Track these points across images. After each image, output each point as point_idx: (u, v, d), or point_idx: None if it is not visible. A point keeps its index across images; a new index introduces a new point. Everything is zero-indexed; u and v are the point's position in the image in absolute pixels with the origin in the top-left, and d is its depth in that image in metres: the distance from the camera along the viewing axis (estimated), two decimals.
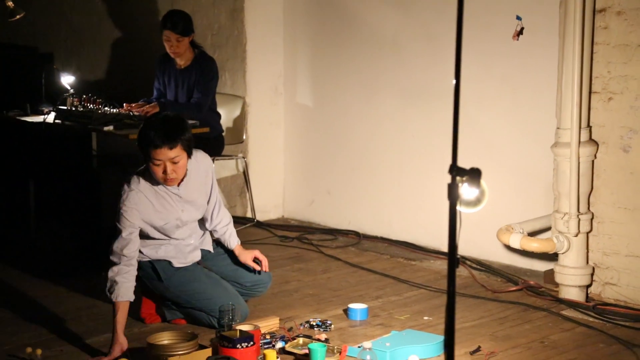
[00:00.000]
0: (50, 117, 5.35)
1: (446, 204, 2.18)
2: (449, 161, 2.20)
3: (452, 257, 2.25)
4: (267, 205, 6.10)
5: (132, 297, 3.60)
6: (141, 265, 3.78)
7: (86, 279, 4.61)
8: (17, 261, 5.02)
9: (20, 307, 4.22)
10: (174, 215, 3.79)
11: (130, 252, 3.64)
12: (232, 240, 4.08)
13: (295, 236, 5.61)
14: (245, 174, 5.98)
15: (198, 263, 3.97)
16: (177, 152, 3.57)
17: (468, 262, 4.89)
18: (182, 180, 3.75)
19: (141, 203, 3.69)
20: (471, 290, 4.46)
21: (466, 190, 2.24)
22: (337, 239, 5.59)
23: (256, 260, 4.05)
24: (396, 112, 5.42)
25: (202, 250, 4.01)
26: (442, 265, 4.95)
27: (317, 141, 5.94)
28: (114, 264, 3.62)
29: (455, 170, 2.20)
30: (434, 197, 5.23)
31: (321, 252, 5.26)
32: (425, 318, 4.04)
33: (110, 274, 3.60)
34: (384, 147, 5.52)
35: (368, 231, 5.61)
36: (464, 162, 2.20)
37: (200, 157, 3.88)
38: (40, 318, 4.05)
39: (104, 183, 5.01)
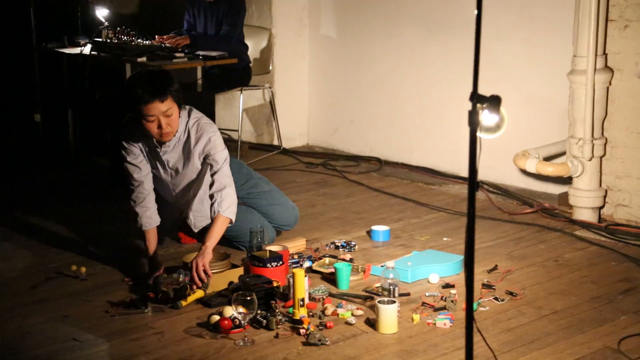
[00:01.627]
0: (87, 49, 5.35)
1: (465, 131, 2.16)
2: (468, 90, 2.16)
3: (473, 180, 2.24)
4: (293, 133, 6.09)
5: (157, 221, 3.55)
6: None
7: (124, 206, 4.65)
8: (58, 189, 5.07)
9: (63, 230, 4.27)
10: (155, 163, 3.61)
11: (140, 177, 3.56)
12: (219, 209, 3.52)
13: (320, 162, 5.61)
14: (272, 103, 5.96)
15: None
16: (168, 105, 3.37)
17: (485, 186, 4.88)
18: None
19: (135, 134, 3.52)
20: (488, 213, 4.46)
21: (486, 116, 2.21)
22: (360, 165, 5.59)
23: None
24: (417, 42, 5.34)
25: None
26: (460, 189, 4.94)
27: (341, 71, 5.87)
28: (131, 192, 3.58)
29: (476, 97, 2.17)
30: (453, 124, 5.18)
31: (345, 178, 5.27)
32: (445, 239, 4.06)
33: (130, 204, 3.56)
34: (405, 77, 5.45)
35: (389, 157, 5.60)
36: (482, 90, 2.17)
37: (202, 125, 3.57)
38: (82, 240, 4.10)
39: None
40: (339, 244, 3.92)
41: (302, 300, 3.07)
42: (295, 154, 5.85)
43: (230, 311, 2.98)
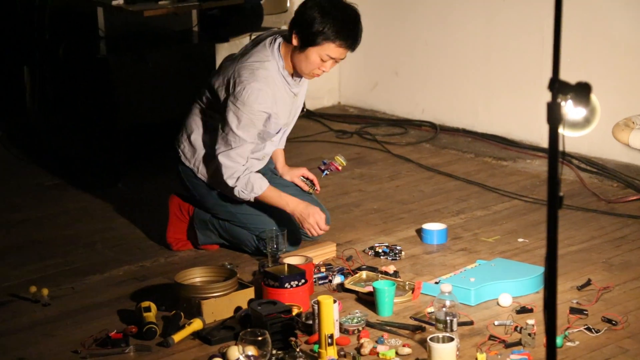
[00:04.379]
0: None
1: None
2: (551, 32, 2.08)
3: (553, 194, 2.19)
4: (320, 89, 6.06)
5: (267, 181, 3.79)
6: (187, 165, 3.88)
7: (101, 194, 4.68)
8: (15, 169, 5.09)
9: (21, 231, 4.29)
10: (286, 119, 3.88)
11: (249, 157, 3.78)
12: (281, 145, 4.11)
13: (355, 130, 5.59)
14: None
15: None
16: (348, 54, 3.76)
17: (575, 162, 4.82)
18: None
19: (272, 103, 3.74)
20: (579, 201, 4.39)
21: (571, 109, 2.16)
22: (408, 133, 5.56)
23: (305, 179, 4.07)
24: None
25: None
26: (541, 165, 4.89)
27: (382, 8, 5.81)
28: (230, 169, 3.72)
29: (557, 85, 2.10)
30: (532, 79, 5.12)
31: (387, 152, 5.23)
32: (520, 240, 4.01)
33: (231, 182, 3.73)
34: (467, 15, 5.38)
35: (446, 122, 5.57)
36: (572, 43, 2.11)
37: None
38: (46, 245, 4.11)
39: (115, 73, 4.99)
40: (380, 250, 3.90)
41: (331, 336, 3.05)
42: (322, 118, 5.85)
43: (236, 353, 2.98)
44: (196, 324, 3.27)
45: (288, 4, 5.87)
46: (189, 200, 4.01)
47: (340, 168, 4.12)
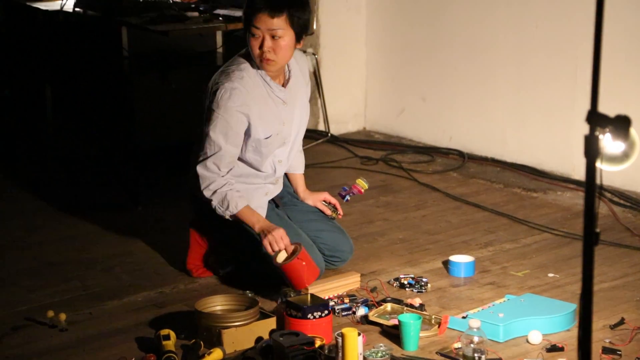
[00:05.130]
0: (69, 4, 5.36)
1: (581, 117, 2.09)
2: (588, 58, 2.07)
3: (589, 231, 2.18)
4: (345, 114, 6.08)
5: (246, 200, 3.74)
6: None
7: (119, 215, 4.69)
8: (33, 190, 5.10)
9: (38, 253, 4.29)
10: (275, 126, 3.82)
11: (229, 167, 3.76)
12: (299, 170, 4.11)
13: (380, 157, 5.58)
14: (316, 74, 5.94)
15: (273, 201, 3.97)
16: (280, 24, 3.66)
17: (608, 195, 4.78)
18: (288, 80, 3.84)
19: (250, 102, 3.72)
20: (612, 236, 4.35)
21: (610, 143, 2.15)
22: (435, 161, 5.54)
23: (327, 203, 4.06)
24: None
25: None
26: (573, 198, 4.86)
27: (410, 31, 5.82)
28: (207, 179, 3.71)
29: (595, 118, 2.10)
30: (564, 107, 5.11)
31: (414, 180, 5.21)
32: (550, 275, 3.98)
33: (208, 193, 3.71)
34: (498, 41, 5.38)
35: (475, 150, 5.55)
36: (609, 72, 2.10)
37: (302, 61, 3.99)
38: (64, 268, 4.11)
39: (137, 93, 5.01)
40: (406, 282, 3.88)
41: None
42: (347, 144, 5.85)
43: None
44: (216, 354, 3.26)
45: (314, 26, 5.89)
46: (206, 228, 4.00)
47: (362, 191, 4.11)
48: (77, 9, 5.29)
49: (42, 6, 5.57)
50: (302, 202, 4.07)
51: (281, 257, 3.67)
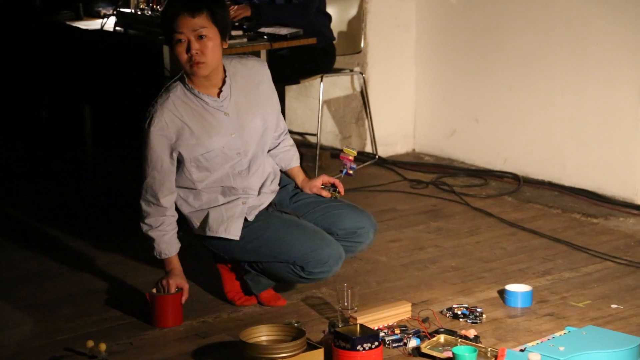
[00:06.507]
0: (110, 23, 5.40)
1: None
2: None
3: None
4: (393, 135, 6.08)
5: (177, 248, 3.88)
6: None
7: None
8: (72, 214, 5.13)
9: (77, 280, 4.31)
10: (218, 140, 3.80)
11: (163, 196, 3.81)
12: (294, 163, 4.08)
13: (431, 180, 5.57)
14: (364, 94, 5.96)
15: (267, 208, 3.94)
16: (202, 22, 3.69)
17: None
18: (222, 86, 3.82)
19: (171, 123, 3.76)
20: None
21: None
22: (488, 184, 5.51)
23: (327, 186, 4.02)
24: (577, 10, 5.24)
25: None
26: (636, 224, 4.83)
27: (461, 49, 5.82)
28: (145, 213, 3.83)
29: None
30: (626, 130, 5.08)
31: (466, 204, 5.19)
32: (614, 306, 3.92)
33: (144, 227, 3.85)
34: (556, 60, 5.36)
35: (531, 173, 5.53)
36: None
37: (250, 63, 3.96)
38: (102, 296, 4.12)
39: None
40: (459, 312, 3.84)
41: None
42: (395, 166, 5.84)
43: None
44: None
45: (362, 44, 5.88)
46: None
47: (352, 158, 4.05)
48: (117, 28, 5.32)
49: (82, 25, 5.62)
50: (305, 194, 4.04)
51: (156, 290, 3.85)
